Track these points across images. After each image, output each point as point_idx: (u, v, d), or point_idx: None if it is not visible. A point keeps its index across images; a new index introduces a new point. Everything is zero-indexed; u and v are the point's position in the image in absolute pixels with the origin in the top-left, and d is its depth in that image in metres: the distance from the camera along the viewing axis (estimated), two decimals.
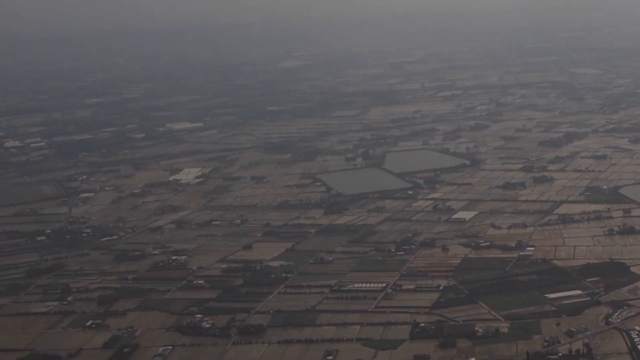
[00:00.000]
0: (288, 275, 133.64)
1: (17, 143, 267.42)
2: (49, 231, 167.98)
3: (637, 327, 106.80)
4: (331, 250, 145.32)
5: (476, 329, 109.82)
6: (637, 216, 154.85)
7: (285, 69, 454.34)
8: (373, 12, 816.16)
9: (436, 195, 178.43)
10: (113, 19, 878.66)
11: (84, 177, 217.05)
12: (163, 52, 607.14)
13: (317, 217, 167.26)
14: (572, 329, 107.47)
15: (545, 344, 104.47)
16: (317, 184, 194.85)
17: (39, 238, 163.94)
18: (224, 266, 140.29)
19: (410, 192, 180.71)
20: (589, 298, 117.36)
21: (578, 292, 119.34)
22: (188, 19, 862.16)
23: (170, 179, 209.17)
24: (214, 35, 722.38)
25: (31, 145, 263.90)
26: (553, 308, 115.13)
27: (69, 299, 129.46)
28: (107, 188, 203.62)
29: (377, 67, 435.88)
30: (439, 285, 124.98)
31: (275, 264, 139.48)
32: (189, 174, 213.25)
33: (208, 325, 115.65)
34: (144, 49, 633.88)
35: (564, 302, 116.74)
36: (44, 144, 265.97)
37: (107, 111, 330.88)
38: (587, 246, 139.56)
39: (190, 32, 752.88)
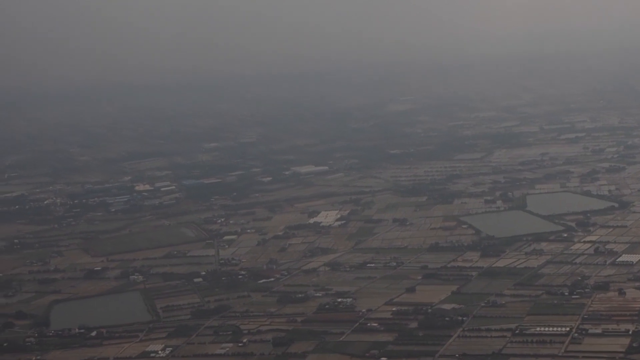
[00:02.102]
0: (463, 318, 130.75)
1: (147, 187, 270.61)
2: (204, 273, 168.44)
3: None
4: (500, 293, 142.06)
5: None
6: None
7: (394, 113, 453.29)
8: (470, 57, 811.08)
9: (593, 237, 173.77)
10: (211, 67, 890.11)
11: (222, 219, 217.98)
12: (266, 97, 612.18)
13: (474, 259, 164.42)
14: None
15: None
16: (463, 226, 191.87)
17: (195, 280, 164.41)
18: (394, 309, 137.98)
19: (565, 235, 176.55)
20: None
21: None
22: (284, 65, 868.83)
23: (311, 221, 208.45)
24: (313, 80, 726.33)
25: (162, 189, 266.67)
26: None
27: (244, 340, 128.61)
28: (248, 230, 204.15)
29: (489, 111, 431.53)
30: (628, 330, 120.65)
31: (447, 306, 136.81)
32: (327, 217, 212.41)
33: None
34: (246, 95, 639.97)
35: None
36: (174, 187, 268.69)
37: (228, 155, 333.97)
38: None
39: (289, 78, 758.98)
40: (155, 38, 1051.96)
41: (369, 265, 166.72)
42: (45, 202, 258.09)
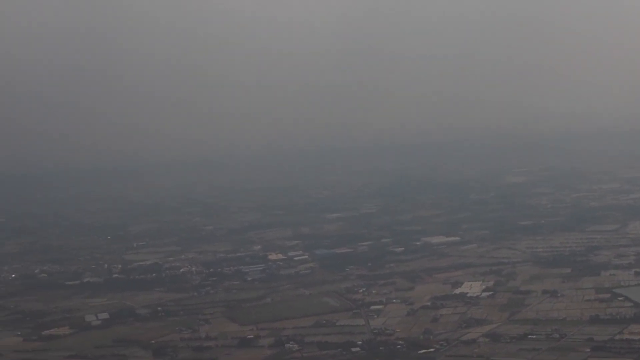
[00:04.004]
0: None
1: (280, 256, 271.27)
2: (360, 342, 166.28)
3: None
4: None
5: None
6: None
7: (511, 185, 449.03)
8: (581, 129, 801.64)
9: None
10: (314, 140, 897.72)
11: (364, 289, 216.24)
12: (374, 169, 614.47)
13: None
14: None
15: None
16: (619, 298, 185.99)
17: (353, 349, 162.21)
18: None
19: None
20: None
21: None
22: (387, 137, 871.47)
23: (456, 292, 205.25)
24: (417, 152, 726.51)
25: (295, 258, 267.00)
26: None
27: None
28: (394, 300, 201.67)
29: (611, 182, 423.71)
30: None
31: None
32: (472, 288, 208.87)
33: None
34: (354, 167, 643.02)
35: None
36: (307, 257, 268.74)
37: (352, 225, 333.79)
38: None
39: (392, 149, 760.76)
40: (259, 113, 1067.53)
41: (530, 336, 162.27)
42: (180, 271, 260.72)
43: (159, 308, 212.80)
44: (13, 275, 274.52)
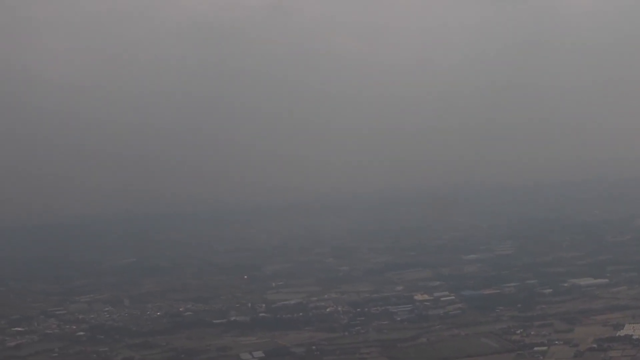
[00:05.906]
0: None
1: (426, 297, 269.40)
2: None
3: None
4: None
5: None
6: None
7: None
8: None
9: None
10: (425, 181, 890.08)
11: (521, 330, 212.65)
12: (494, 210, 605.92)
13: None
14: None
15: None
16: None
17: None
18: None
19: None
20: None
21: None
22: (501, 179, 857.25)
23: (620, 334, 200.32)
24: (532, 194, 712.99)
25: (441, 299, 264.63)
26: None
27: None
28: (556, 342, 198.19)
29: None
30: None
31: None
32: (635, 330, 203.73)
33: None
34: (475, 207, 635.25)
35: None
36: (453, 297, 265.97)
37: (492, 267, 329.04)
38: None
39: (507, 192, 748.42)
40: (375, 156, 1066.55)
41: None
42: (327, 310, 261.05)
43: (314, 347, 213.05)
44: (158, 313, 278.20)
